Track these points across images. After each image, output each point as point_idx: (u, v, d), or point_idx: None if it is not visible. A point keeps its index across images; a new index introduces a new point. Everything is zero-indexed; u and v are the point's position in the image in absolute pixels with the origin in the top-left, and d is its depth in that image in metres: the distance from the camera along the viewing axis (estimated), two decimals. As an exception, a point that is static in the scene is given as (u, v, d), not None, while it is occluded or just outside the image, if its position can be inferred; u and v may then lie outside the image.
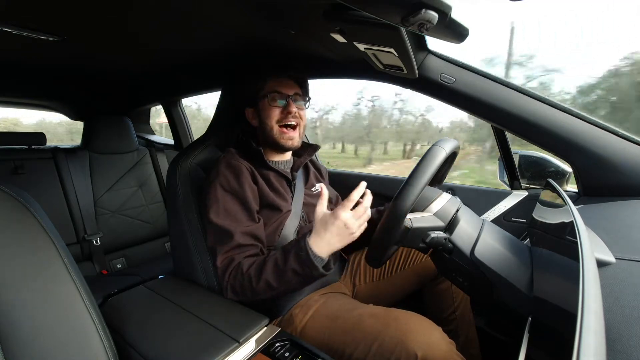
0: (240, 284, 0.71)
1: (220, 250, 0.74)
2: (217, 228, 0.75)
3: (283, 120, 0.84)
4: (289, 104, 0.85)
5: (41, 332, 0.48)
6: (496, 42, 8.53)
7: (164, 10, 0.73)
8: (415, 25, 0.52)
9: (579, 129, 0.87)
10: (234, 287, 0.72)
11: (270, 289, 0.69)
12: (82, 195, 1.54)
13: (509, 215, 1.08)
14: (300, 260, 0.66)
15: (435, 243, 0.61)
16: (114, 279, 1.40)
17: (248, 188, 0.78)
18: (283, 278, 0.67)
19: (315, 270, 0.65)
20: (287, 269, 0.67)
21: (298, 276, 0.67)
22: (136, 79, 1.48)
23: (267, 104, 0.85)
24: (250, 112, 0.90)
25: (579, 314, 0.27)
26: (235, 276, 0.71)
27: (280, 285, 0.68)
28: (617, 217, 0.71)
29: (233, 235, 0.74)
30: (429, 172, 0.59)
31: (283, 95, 0.85)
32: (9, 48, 0.97)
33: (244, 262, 0.72)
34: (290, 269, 0.67)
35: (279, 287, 0.68)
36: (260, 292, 0.69)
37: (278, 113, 0.84)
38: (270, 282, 0.68)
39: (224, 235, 0.74)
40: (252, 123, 0.90)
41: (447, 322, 0.92)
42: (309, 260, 0.65)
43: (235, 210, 0.76)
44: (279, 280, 0.68)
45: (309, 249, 0.65)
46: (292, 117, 0.85)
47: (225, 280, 0.72)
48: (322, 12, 0.65)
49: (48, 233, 0.52)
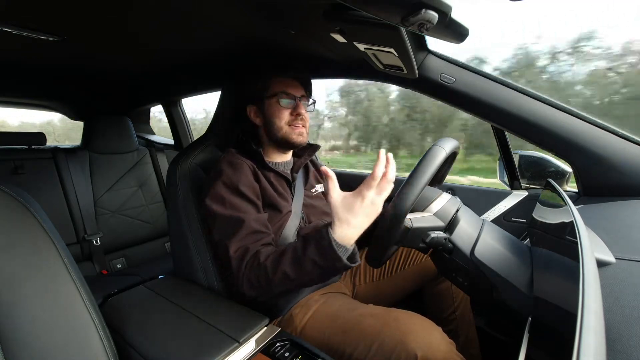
0: (257, 275, 0.67)
1: (233, 239, 0.70)
2: (226, 219, 0.73)
3: (292, 123, 0.85)
4: (298, 106, 0.85)
5: (41, 332, 0.48)
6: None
7: (164, 10, 0.73)
8: (415, 25, 0.52)
9: (579, 129, 0.87)
10: (250, 279, 0.67)
11: (287, 281, 0.64)
12: (82, 195, 1.54)
13: (509, 215, 1.08)
14: (321, 249, 0.61)
15: (435, 243, 0.61)
16: (114, 279, 1.40)
17: (250, 185, 0.78)
18: (302, 269, 0.63)
19: (338, 261, 0.60)
20: (306, 260, 0.62)
21: (318, 268, 0.62)
22: (136, 79, 1.48)
23: (275, 104, 0.84)
24: (253, 110, 0.89)
25: (579, 314, 0.27)
26: (252, 266, 0.67)
27: (298, 276, 0.63)
28: (617, 217, 0.71)
29: (245, 222, 0.71)
30: (429, 172, 0.59)
31: (291, 96, 0.85)
32: (9, 48, 0.97)
33: (262, 250, 0.69)
34: (309, 260, 0.62)
35: (297, 279, 0.64)
36: (277, 284, 0.65)
37: (287, 114, 0.84)
38: (287, 273, 0.63)
39: (235, 224, 0.71)
40: (254, 121, 0.89)
41: (447, 322, 0.92)
42: (331, 250, 0.59)
43: (241, 204, 0.75)
44: (297, 271, 0.63)
45: (331, 237, 0.60)
46: (301, 120, 0.85)
47: (242, 272, 0.68)
48: (322, 12, 0.65)
49: (48, 233, 0.52)
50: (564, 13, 1.78)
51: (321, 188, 1.01)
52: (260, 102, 0.86)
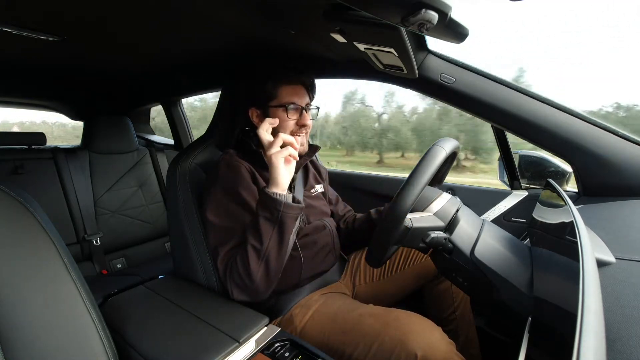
0: (238, 274, 0.70)
1: (222, 250, 0.74)
2: (218, 228, 0.75)
3: (296, 132, 0.84)
4: (303, 117, 0.84)
5: (41, 332, 0.48)
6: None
7: (164, 10, 0.73)
8: (415, 25, 0.52)
9: (579, 129, 0.87)
10: (236, 283, 0.71)
11: (257, 255, 0.68)
12: (82, 195, 1.54)
13: (509, 215, 1.08)
14: (264, 204, 0.68)
15: (435, 243, 0.61)
16: (114, 279, 1.40)
17: (248, 189, 0.78)
18: (260, 233, 0.68)
19: (280, 205, 0.67)
20: (259, 221, 0.68)
21: (271, 223, 0.68)
22: (136, 79, 1.48)
23: (281, 114, 0.82)
24: (256, 113, 0.86)
25: (579, 314, 0.27)
26: (232, 270, 0.71)
27: (263, 242, 0.68)
28: (617, 217, 0.71)
29: (237, 232, 0.74)
30: (429, 172, 0.59)
31: (298, 107, 0.83)
32: (9, 48, 0.97)
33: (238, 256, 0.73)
34: (261, 219, 0.68)
35: (264, 247, 0.68)
36: (253, 269, 0.68)
37: (292, 125, 0.84)
38: (254, 246, 0.68)
39: (226, 235, 0.74)
40: (256, 124, 0.86)
41: (447, 322, 0.92)
42: (269, 199, 0.67)
43: (236, 211, 0.76)
44: (257, 236, 0.68)
45: (265, 190, 0.69)
46: (304, 129, 0.85)
47: (228, 280, 0.72)
48: (322, 12, 0.65)
49: (48, 233, 0.52)
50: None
51: (321, 188, 1.01)
52: (265, 108, 0.84)
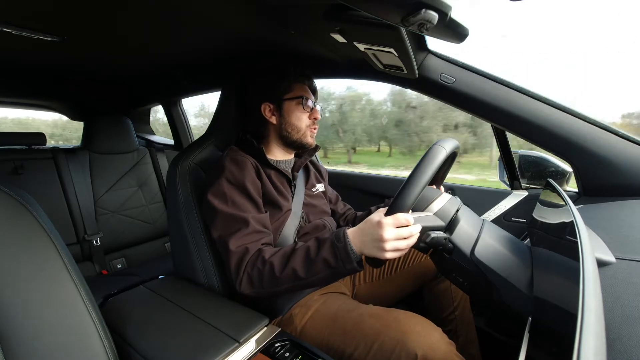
0: (259, 272, 0.68)
1: (234, 237, 0.71)
2: (227, 216, 0.74)
3: (312, 125, 0.90)
4: (315, 110, 0.91)
5: (41, 332, 0.48)
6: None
7: (164, 11, 0.73)
8: (415, 25, 0.52)
9: (579, 129, 0.87)
10: (251, 277, 0.69)
11: (295, 279, 0.66)
12: (82, 195, 1.54)
13: (509, 215, 1.08)
14: (335, 250, 0.63)
15: (435, 243, 0.61)
16: (114, 279, 1.40)
17: (253, 182, 0.79)
18: (312, 268, 0.65)
19: (349, 263, 0.62)
20: (318, 259, 0.64)
21: (329, 268, 0.64)
22: (136, 79, 1.49)
23: (297, 107, 0.88)
24: (269, 108, 0.88)
25: (579, 314, 0.27)
26: (254, 264, 0.69)
27: (308, 275, 0.65)
28: (617, 217, 0.71)
29: (246, 221, 0.72)
30: (429, 171, 0.59)
31: (311, 101, 0.90)
32: (9, 48, 0.97)
33: (265, 249, 0.71)
34: (322, 259, 0.64)
35: (305, 279, 0.65)
36: (283, 282, 0.66)
37: (307, 118, 0.90)
38: (297, 271, 0.65)
39: (237, 222, 0.73)
40: (268, 119, 0.89)
41: (447, 322, 0.92)
42: (345, 252, 0.62)
43: (243, 202, 0.76)
44: (307, 269, 0.65)
45: (347, 240, 0.63)
46: (316, 124, 0.92)
47: (242, 270, 0.69)
48: (322, 12, 0.65)
49: (48, 233, 0.52)
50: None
51: (321, 187, 1.01)
52: (280, 102, 0.87)
